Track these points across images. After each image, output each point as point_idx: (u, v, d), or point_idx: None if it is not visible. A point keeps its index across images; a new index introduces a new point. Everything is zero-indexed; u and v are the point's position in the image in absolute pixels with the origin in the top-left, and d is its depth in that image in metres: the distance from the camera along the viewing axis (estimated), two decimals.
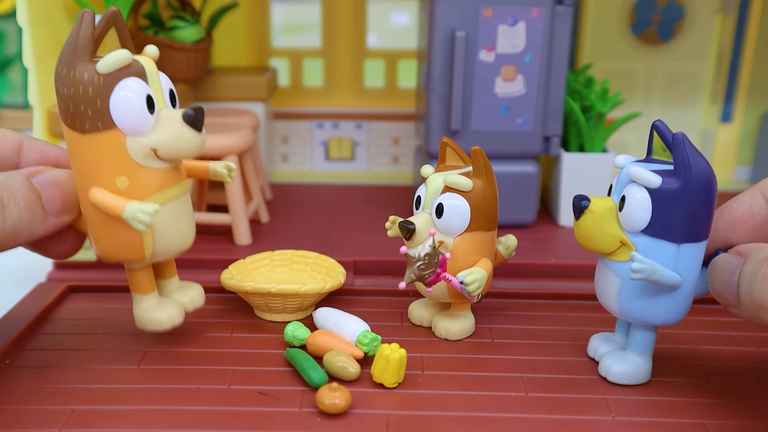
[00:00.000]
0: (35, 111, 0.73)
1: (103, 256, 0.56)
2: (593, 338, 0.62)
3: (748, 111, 1.07)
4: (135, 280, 0.59)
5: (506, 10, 0.81)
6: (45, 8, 0.74)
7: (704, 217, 0.52)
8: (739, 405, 0.55)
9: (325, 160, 1.11)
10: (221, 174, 0.60)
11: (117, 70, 0.51)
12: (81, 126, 0.52)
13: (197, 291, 0.63)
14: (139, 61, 0.53)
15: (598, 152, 0.90)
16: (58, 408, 0.53)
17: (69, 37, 0.52)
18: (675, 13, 1.02)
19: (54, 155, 0.59)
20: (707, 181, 0.52)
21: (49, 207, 0.54)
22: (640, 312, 0.55)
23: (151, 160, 0.53)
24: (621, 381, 0.57)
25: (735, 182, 1.10)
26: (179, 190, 0.56)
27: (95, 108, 0.51)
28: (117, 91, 0.51)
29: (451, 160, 0.64)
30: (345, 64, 1.11)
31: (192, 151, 0.54)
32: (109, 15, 0.54)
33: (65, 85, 0.51)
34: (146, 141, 0.53)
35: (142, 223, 0.52)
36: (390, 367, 0.55)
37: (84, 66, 0.51)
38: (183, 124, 0.53)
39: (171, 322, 0.59)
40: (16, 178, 0.53)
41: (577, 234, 0.56)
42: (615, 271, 0.55)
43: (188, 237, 0.58)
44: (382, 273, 0.77)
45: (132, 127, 0.52)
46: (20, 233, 0.53)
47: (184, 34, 0.90)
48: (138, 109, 0.52)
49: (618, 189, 0.55)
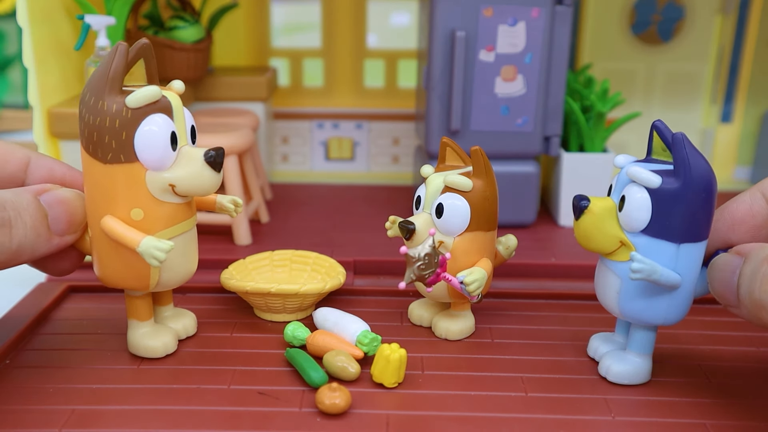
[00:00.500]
0: (35, 111, 0.73)
1: (106, 280, 0.57)
2: (593, 338, 0.62)
3: (748, 111, 1.07)
4: (133, 307, 0.59)
5: (506, 10, 0.81)
6: (45, 8, 0.74)
7: (704, 217, 0.52)
8: (739, 405, 0.55)
9: (325, 160, 1.11)
10: (227, 209, 0.61)
11: (145, 105, 0.52)
12: (103, 156, 0.52)
13: (191, 319, 0.64)
14: (166, 97, 0.54)
15: (598, 152, 0.90)
16: (58, 408, 0.53)
17: (100, 66, 0.52)
18: (675, 13, 1.02)
19: (61, 173, 0.59)
20: (707, 181, 0.51)
21: (54, 227, 0.54)
22: (639, 312, 0.55)
23: (167, 195, 0.54)
24: (621, 381, 0.57)
25: (735, 182, 1.10)
26: (189, 224, 0.57)
27: (120, 140, 0.51)
28: (143, 126, 0.52)
29: (451, 160, 0.64)
30: (345, 64, 1.11)
31: (209, 190, 0.55)
32: (140, 47, 0.54)
33: (92, 114, 0.52)
34: (166, 176, 0.53)
35: (157, 259, 0.52)
36: (390, 367, 0.55)
37: (113, 98, 0.51)
38: (204, 164, 0.54)
39: (165, 350, 0.60)
40: (24, 196, 0.53)
41: (577, 234, 0.56)
42: (615, 271, 0.55)
43: (192, 268, 0.59)
44: (382, 273, 0.77)
45: (154, 162, 0.53)
46: (24, 252, 0.52)
47: (184, 34, 0.90)
48: (162, 144, 0.52)
49: (618, 189, 0.55)
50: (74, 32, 0.81)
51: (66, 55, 0.79)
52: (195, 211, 0.58)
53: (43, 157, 0.59)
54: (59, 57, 0.77)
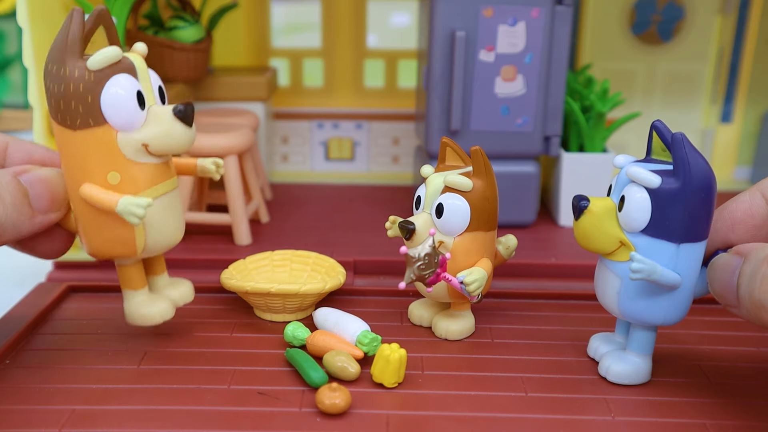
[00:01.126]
0: (35, 111, 0.73)
1: (95, 252, 0.57)
2: (593, 338, 0.62)
3: (748, 111, 1.07)
4: (126, 276, 0.59)
5: (506, 10, 0.81)
6: (45, 8, 0.74)
7: (704, 216, 0.52)
8: (739, 405, 0.55)
9: (325, 160, 1.11)
10: (209, 170, 0.61)
11: (107, 67, 0.52)
12: (72, 122, 0.52)
13: (187, 286, 0.63)
14: (128, 58, 0.54)
15: (598, 152, 0.90)
16: (58, 408, 0.53)
17: (58, 34, 0.52)
18: (675, 13, 1.02)
19: (40, 155, 0.59)
20: (706, 181, 0.51)
21: (37, 205, 0.54)
22: (640, 312, 0.55)
23: (141, 156, 0.54)
24: (621, 381, 0.57)
25: (735, 182, 1.10)
26: (169, 185, 0.57)
27: (86, 104, 0.52)
28: (108, 87, 0.52)
29: (451, 160, 0.64)
30: (345, 64, 1.11)
31: (183, 146, 0.55)
32: (97, 13, 0.54)
33: (55, 83, 0.52)
34: (137, 136, 0.53)
35: (136, 216, 0.52)
36: (390, 367, 0.55)
37: (74, 63, 0.51)
38: (173, 119, 0.54)
39: (162, 317, 0.59)
40: (2, 176, 0.53)
41: (576, 234, 0.56)
42: (615, 272, 0.55)
43: (178, 232, 0.59)
44: (382, 273, 0.77)
45: (123, 122, 0.53)
46: (6, 231, 0.53)
47: (184, 34, 0.90)
48: (129, 105, 0.52)
49: (617, 189, 0.55)
50: None
51: None
52: (174, 173, 0.58)
53: (21, 141, 0.59)
54: None
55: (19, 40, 1.46)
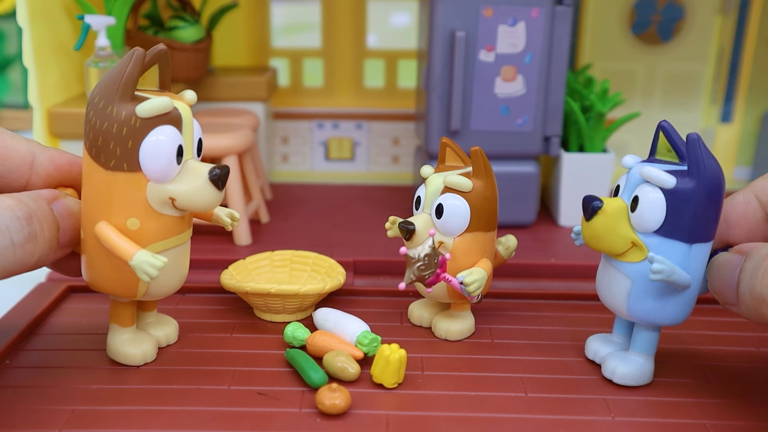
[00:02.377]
0: (35, 111, 0.73)
1: (93, 285, 0.56)
2: (591, 340, 0.62)
3: (748, 111, 1.07)
4: (116, 312, 0.58)
5: (506, 10, 0.81)
6: (45, 8, 0.74)
7: (714, 217, 0.53)
8: (739, 405, 0.55)
9: (325, 160, 1.11)
10: (224, 222, 0.60)
11: (155, 116, 0.50)
12: (105, 162, 0.51)
13: (173, 328, 0.62)
14: (177, 109, 0.52)
15: (598, 152, 0.90)
16: (58, 408, 0.53)
17: (114, 70, 0.51)
18: (675, 13, 1.02)
19: (67, 165, 0.57)
20: (719, 182, 0.52)
21: (61, 239, 0.53)
22: (649, 313, 0.55)
23: (166, 208, 0.53)
24: (627, 382, 0.57)
25: (735, 182, 1.10)
26: (183, 237, 0.56)
27: (125, 149, 0.50)
28: (151, 136, 0.50)
29: (451, 161, 0.64)
30: (345, 64, 1.11)
31: (209, 207, 0.53)
32: (156, 53, 0.53)
33: (99, 118, 0.50)
34: (168, 189, 0.52)
35: (149, 275, 0.51)
36: (390, 368, 0.55)
37: (123, 105, 0.50)
38: (207, 181, 0.52)
39: (144, 359, 0.59)
40: (43, 207, 0.52)
41: (586, 235, 0.55)
42: (625, 272, 0.55)
43: (181, 281, 0.58)
44: (382, 273, 0.77)
45: (157, 174, 0.51)
46: (32, 265, 0.52)
47: (184, 34, 0.90)
48: (167, 157, 0.51)
49: (628, 189, 0.54)
50: (74, 32, 0.81)
51: (66, 55, 0.79)
52: (191, 225, 0.57)
53: (46, 151, 0.57)
54: (59, 57, 0.77)
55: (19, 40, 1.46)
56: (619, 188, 0.56)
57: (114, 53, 0.78)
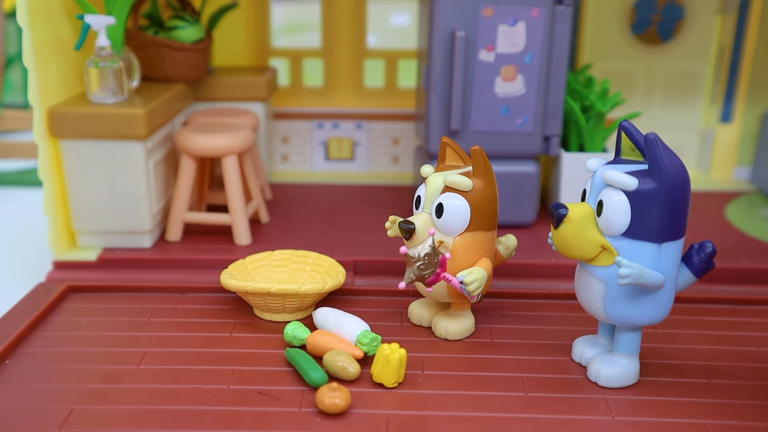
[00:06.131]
0: (35, 111, 0.73)
1: None
2: (577, 342, 0.61)
3: (748, 111, 1.07)
4: None
5: (506, 10, 0.81)
6: (45, 8, 0.74)
7: (681, 214, 0.52)
8: (739, 405, 0.55)
9: (325, 160, 1.11)
10: None
11: None
12: None
13: None
14: None
15: (598, 152, 0.90)
16: (58, 408, 0.53)
17: None
18: (675, 13, 1.02)
19: None
20: (682, 179, 0.52)
21: None
22: (626, 315, 0.55)
23: None
24: (612, 385, 0.57)
25: (735, 182, 1.09)
26: None
27: None
28: None
29: (451, 160, 0.64)
30: (345, 64, 1.11)
31: None
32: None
33: None
34: None
35: None
36: (390, 367, 0.55)
37: None
38: None
39: None
40: None
41: (556, 243, 0.55)
42: (598, 277, 0.55)
43: None
44: (382, 273, 0.77)
45: None
46: None
47: (184, 34, 0.90)
48: None
49: (593, 193, 0.54)
50: (74, 32, 0.81)
51: (66, 55, 0.79)
52: None
53: None
54: (59, 57, 0.77)
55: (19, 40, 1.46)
56: (585, 192, 0.56)
57: (114, 53, 0.78)
